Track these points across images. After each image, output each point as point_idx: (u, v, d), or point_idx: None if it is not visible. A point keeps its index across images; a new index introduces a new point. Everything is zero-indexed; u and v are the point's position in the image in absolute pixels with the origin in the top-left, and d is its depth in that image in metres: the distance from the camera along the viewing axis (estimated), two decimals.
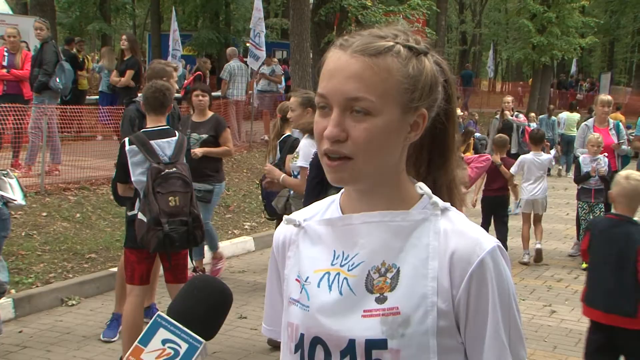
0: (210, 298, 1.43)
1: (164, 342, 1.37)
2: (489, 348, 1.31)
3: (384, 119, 1.29)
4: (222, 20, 29.97)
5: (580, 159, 8.47)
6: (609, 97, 9.22)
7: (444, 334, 1.31)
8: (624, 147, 9.00)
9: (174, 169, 4.60)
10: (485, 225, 8.22)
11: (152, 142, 4.67)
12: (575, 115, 17.59)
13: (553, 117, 17.52)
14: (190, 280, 1.46)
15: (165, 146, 4.70)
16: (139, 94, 5.99)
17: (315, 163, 5.08)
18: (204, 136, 6.86)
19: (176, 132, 4.87)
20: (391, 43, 1.31)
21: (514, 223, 11.11)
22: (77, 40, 16.11)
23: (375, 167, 1.32)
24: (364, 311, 1.32)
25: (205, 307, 1.41)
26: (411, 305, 1.30)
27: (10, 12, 16.38)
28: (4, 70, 10.16)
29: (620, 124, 9.37)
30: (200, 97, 6.96)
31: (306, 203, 5.41)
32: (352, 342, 1.31)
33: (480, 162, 5.87)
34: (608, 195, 7.83)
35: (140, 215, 4.67)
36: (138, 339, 1.38)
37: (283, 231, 1.52)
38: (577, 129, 16.49)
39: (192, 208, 4.60)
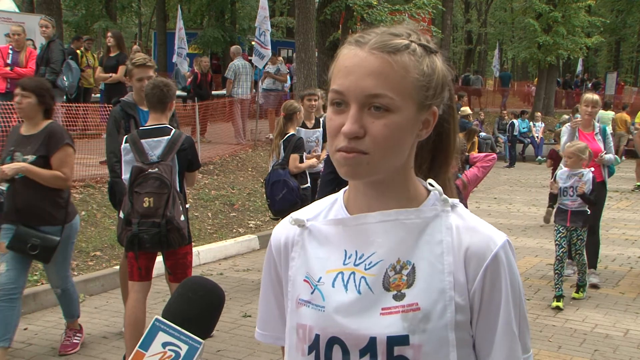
0: (205, 299, 1.45)
1: (164, 345, 1.39)
2: (501, 339, 1.35)
3: (401, 115, 1.30)
4: (227, 18, 29.99)
5: (558, 172, 7.08)
6: (595, 96, 7.69)
7: (461, 327, 1.34)
8: (607, 156, 7.57)
9: (156, 170, 4.55)
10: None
11: (142, 140, 4.65)
12: (610, 113, 17.58)
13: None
14: (183, 283, 1.48)
15: (155, 145, 4.66)
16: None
17: (330, 159, 5.10)
18: (29, 158, 4.74)
19: (172, 130, 4.79)
20: (407, 41, 1.33)
21: (519, 222, 11.09)
22: (86, 38, 16.12)
23: (389, 163, 1.33)
24: (382, 309, 1.33)
25: (201, 309, 1.43)
26: (430, 300, 1.32)
27: (17, 10, 16.40)
28: (8, 68, 10.19)
29: (607, 128, 7.95)
30: (21, 99, 4.90)
31: (319, 198, 5.45)
32: (372, 340, 1.32)
33: (487, 161, 5.93)
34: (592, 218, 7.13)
35: (120, 214, 4.75)
36: (138, 344, 1.39)
37: (284, 232, 1.51)
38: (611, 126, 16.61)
39: (166, 210, 4.51)
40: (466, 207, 1.51)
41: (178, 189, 4.71)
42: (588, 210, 6.92)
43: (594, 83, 36.91)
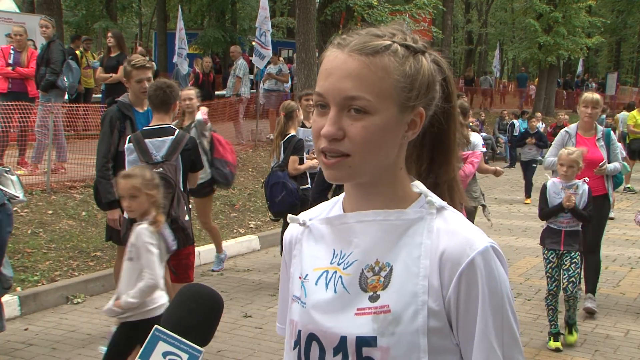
0: (203, 307, 1.45)
1: (165, 354, 1.38)
2: (477, 350, 1.30)
3: (381, 117, 1.30)
4: (228, 19, 30.01)
5: (549, 184, 5.86)
6: (595, 95, 6.60)
7: (435, 333, 1.30)
8: (611, 166, 6.50)
9: (160, 169, 4.54)
10: None
11: (146, 140, 4.66)
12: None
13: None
14: (181, 291, 1.47)
15: (159, 145, 4.67)
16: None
17: None
18: None
19: (176, 130, 4.80)
20: (388, 42, 1.31)
21: (520, 223, 11.10)
22: (84, 38, 16.12)
23: (372, 165, 1.33)
24: (357, 309, 1.33)
25: (200, 316, 1.43)
26: (402, 303, 1.30)
27: (18, 11, 16.42)
28: (9, 68, 10.20)
29: (612, 132, 6.79)
30: None
31: (313, 194, 5.48)
32: (343, 339, 1.32)
33: (476, 156, 6.11)
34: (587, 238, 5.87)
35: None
36: (139, 354, 1.39)
37: (290, 231, 1.55)
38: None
39: (171, 210, 4.51)
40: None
41: (182, 189, 4.71)
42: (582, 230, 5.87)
43: (599, 83, 36.89)
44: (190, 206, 5.03)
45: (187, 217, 4.65)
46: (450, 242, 1.31)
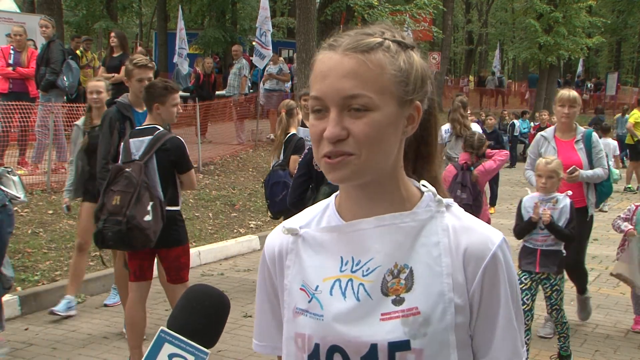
0: (210, 308, 1.43)
1: (171, 356, 1.38)
2: (503, 336, 1.35)
3: (382, 113, 1.29)
4: (228, 19, 30.02)
5: (525, 198, 5.26)
6: (572, 93, 5.84)
7: (460, 329, 1.33)
8: (589, 172, 5.75)
9: (129, 168, 4.56)
10: None
11: (130, 140, 4.71)
12: None
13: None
14: (187, 292, 1.46)
15: (139, 145, 4.68)
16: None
17: (304, 162, 5.11)
18: None
19: (157, 130, 4.71)
20: (380, 39, 1.32)
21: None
22: (85, 38, 16.13)
23: (376, 162, 1.31)
24: (382, 314, 1.32)
25: (206, 318, 1.42)
26: (430, 303, 1.31)
27: (18, 11, 16.42)
28: (10, 68, 10.21)
29: (594, 134, 5.98)
30: None
31: (291, 200, 5.46)
32: (374, 347, 1.30)
33: (502, 155, 6.55)
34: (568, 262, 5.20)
35: None
36: (144, 356, 1.38)
37: (277, 240, 1.49)
38: None
39: (128, 210, 4.47)
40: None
41: (158, 190, 4.63)
42: (564, 250, 5.19)
43: (596, 83, 36.97)
44: (179, 208, 4.91)
45: (146, 218, 4.50)
46: (470, 238, 1.35)
